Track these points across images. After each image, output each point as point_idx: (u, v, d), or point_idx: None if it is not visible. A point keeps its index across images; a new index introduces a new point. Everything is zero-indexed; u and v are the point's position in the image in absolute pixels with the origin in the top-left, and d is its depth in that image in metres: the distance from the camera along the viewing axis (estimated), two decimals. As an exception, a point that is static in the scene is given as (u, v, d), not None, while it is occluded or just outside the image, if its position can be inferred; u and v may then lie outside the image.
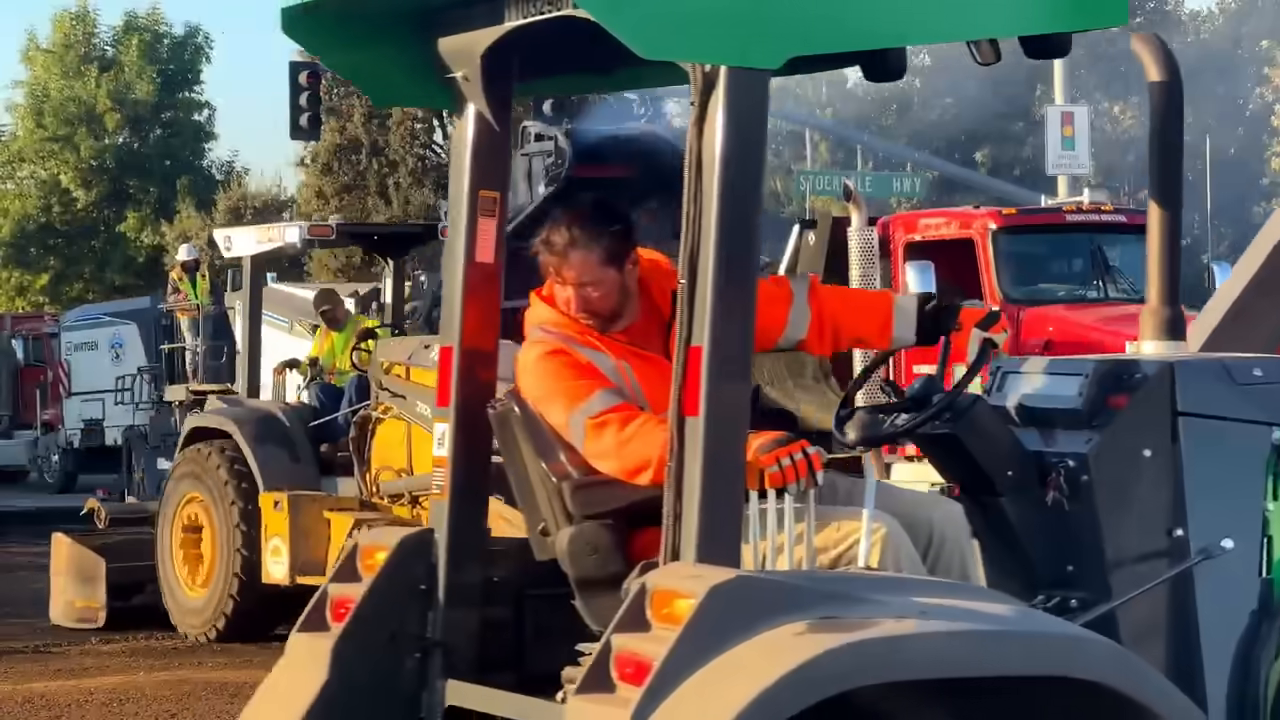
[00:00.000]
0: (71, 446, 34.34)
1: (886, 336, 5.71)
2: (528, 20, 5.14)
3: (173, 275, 27.61)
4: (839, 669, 4.36)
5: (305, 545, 14.12)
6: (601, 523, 5.19)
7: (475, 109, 5.44)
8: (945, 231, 15.52)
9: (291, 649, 5.59)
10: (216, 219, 47.40)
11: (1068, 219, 15.92)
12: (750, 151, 4.68)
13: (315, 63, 37.05)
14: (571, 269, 5.29)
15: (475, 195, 5.49)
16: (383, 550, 5.49)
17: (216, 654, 14.09)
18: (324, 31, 5.42)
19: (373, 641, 5.42)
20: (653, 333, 5.33)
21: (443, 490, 5.54)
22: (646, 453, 5.00)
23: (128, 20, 54.27)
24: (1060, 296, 15.31)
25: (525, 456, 5.35)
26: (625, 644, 4.55)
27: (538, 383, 5.31)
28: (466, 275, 5.53)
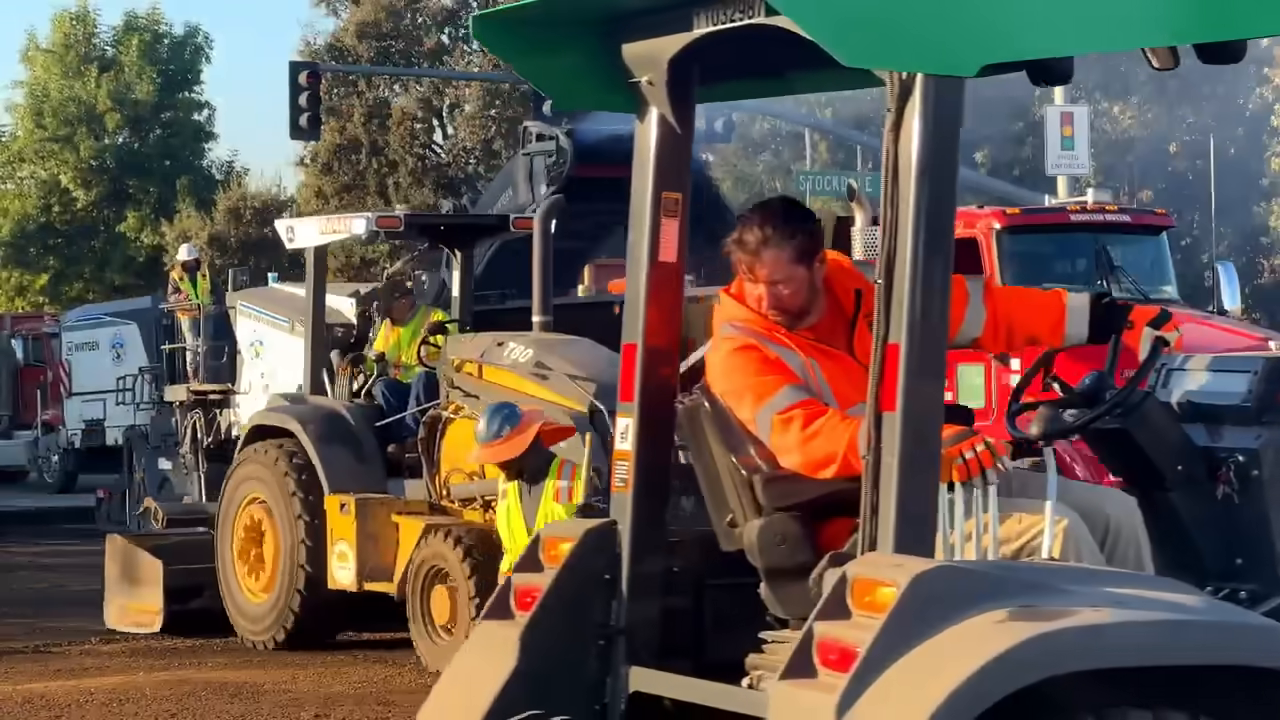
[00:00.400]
0: (72, 446, 34.37)
1: (1059, 334, 5.84)
2: (717, 28, 5.30)
3: (173, 275, 27.62)
4: (1042, 656, 4.51)
5: (373, 550, 13.66)
6: (790, 514, 5.36)
7: (658, 113, 5.61)
8: None
9: (478, 637, 5.81)
10: (216, 219, 47.40)
11: (1072, 219, 15.86)
12: (945, 156, 4.84)
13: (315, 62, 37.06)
14: (764, 267, 5.49)
15: (658, 197, 5.66)
16: (567, 541, 5.69)
17: (216, 654, 14.09)
18: (513, 37, 5.65)
19: (559, 629, 5.62)
20: (837, 330, 5.53)
21: (626, 484, 5.70)
22: (830, 449, 5.20)
23: (128, 20, 54.29)
24: None
25: (714, 450, 5.52)
26: (828, 631, 4.73)
27: (727, 378, 5.47)
28: (649, 275, 5.69)
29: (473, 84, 43.35)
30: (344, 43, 43.83)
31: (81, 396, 33.84)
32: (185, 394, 25.46)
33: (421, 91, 44.77)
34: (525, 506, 8.89)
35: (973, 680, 4.45)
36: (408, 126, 44.02)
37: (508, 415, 8.94)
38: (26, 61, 54.29)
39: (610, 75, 5.62)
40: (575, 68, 5.68)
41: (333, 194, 44.70)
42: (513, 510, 8.91)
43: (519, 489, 8.94)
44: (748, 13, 5.16)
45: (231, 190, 49.82)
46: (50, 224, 53.62)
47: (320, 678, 12.77)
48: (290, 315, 23.83)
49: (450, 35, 45.44)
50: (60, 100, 53.09)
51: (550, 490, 8.88)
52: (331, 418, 14.76)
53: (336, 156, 44.46)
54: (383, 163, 44.15)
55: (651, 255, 5.68)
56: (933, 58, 4.79)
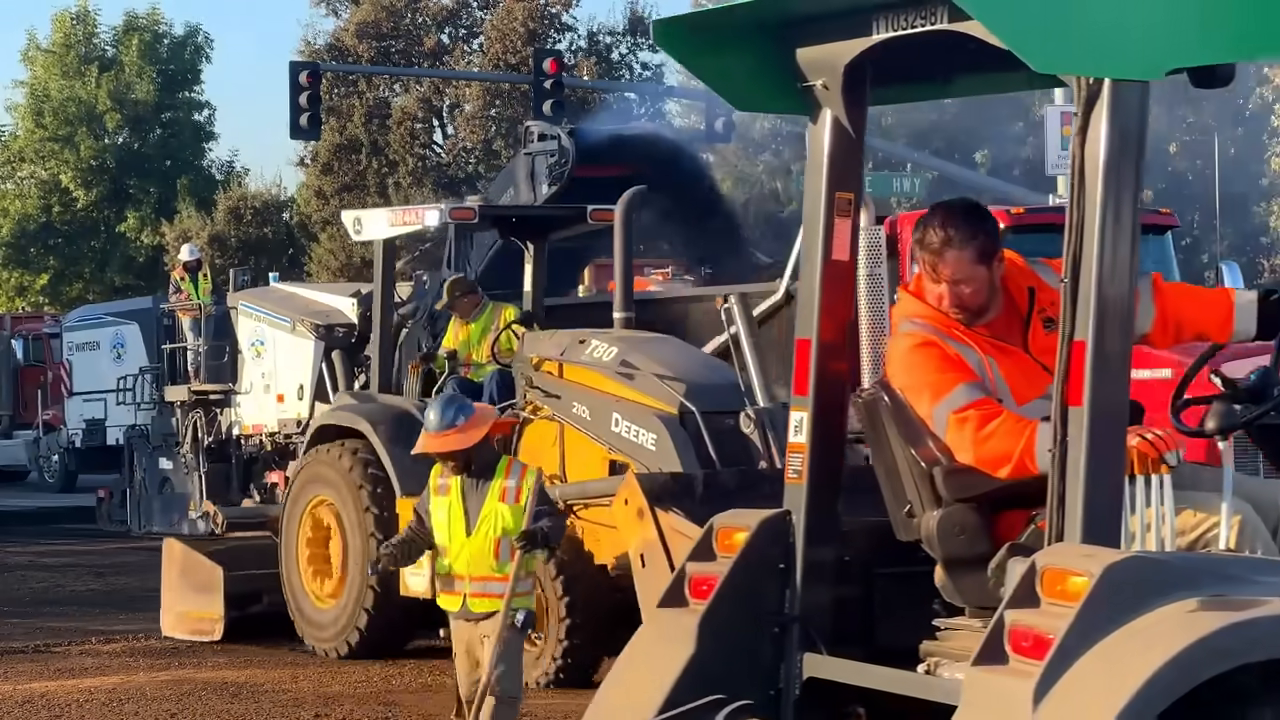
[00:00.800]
0: (73, 446, 34.36)
1: (1227, 330, 5.95)
2: (898, 34, 5.46)
3: (174, 275, 27.62)
4: (1237, 643, 4.69)
5: None
6: (968, 506, 5.55)
7: (831, 115, 5.79)
8: None
9: (654, 624, 6.01)
10: (216, 219, 47.39)
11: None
12: (1130, 159, 5.01)
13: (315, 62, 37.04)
14: (946, 266, 5.67)
15: (832, 196, 5.88)
16: (741, 531, 5.88)
17: (217, 654, 14.07)
18: (692, 41, 5.87)
19: (735, 616, 5.80)
20: (1013, 327, 5.69)
21: (800, 475, 5.86)
22: (1004, 449, 5.38)
23: (128, 20, 54.29)
24: None
25: (893, 442, 5.72)
26: (1019, 619, 4.90)
27: (906, 373, 5.66)
28: (823, 272, 5.88)
29: (473, 84, 43.35)
30: (344, 43, 43.83)
31: (82, 396, 33.84)
32: (186, 394, 25.46)
33: (421, 91, 44.77)
34: (469, 504, 8.64)
35: (1169, 667, 4.61)
36: (408, 126, 44.02)
37: (461, 406, 8.71)
38: (27, 61, 54.31)
39: (782, 79, 5.81)
40: (749, 71, 5.86)
41: (333, 194, 44.69)
42: (454, 507, 8.66)
43: (462, 486, 8.67)
44: (930, 19, 5.34)
45: (231, 190, 49.84)
46: (50, 224, 53.62)
47: (320, 677, 12.76)
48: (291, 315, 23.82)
49: (450, 35, 45.43)
50: (60, 100, 53.10)
51: (497, 489, 8.62)
52: (402, 418, 14.11)
53: (337, 156, 44.46)
54: (383, 162, 44.16)
55: (825, 253, 5.88)
56: (1119, 63, 4.98)
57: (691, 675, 5.69)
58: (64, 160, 53.02)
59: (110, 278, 53.07)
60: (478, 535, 8.68)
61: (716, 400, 12.29)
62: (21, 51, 54.34)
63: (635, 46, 45.34)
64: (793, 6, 5.73)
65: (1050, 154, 30.85)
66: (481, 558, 8.67)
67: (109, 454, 30.93)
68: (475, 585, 8.71)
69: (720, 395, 12.37)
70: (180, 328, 26.58)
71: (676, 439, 11.94)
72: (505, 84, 42.19)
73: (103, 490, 28.15)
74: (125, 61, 53.45)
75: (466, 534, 8.68)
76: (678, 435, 11.96)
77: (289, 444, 24.54)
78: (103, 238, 53.71)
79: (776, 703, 5.76)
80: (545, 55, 32.78)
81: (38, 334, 38.51)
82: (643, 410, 12.26)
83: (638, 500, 10.42)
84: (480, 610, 8.70)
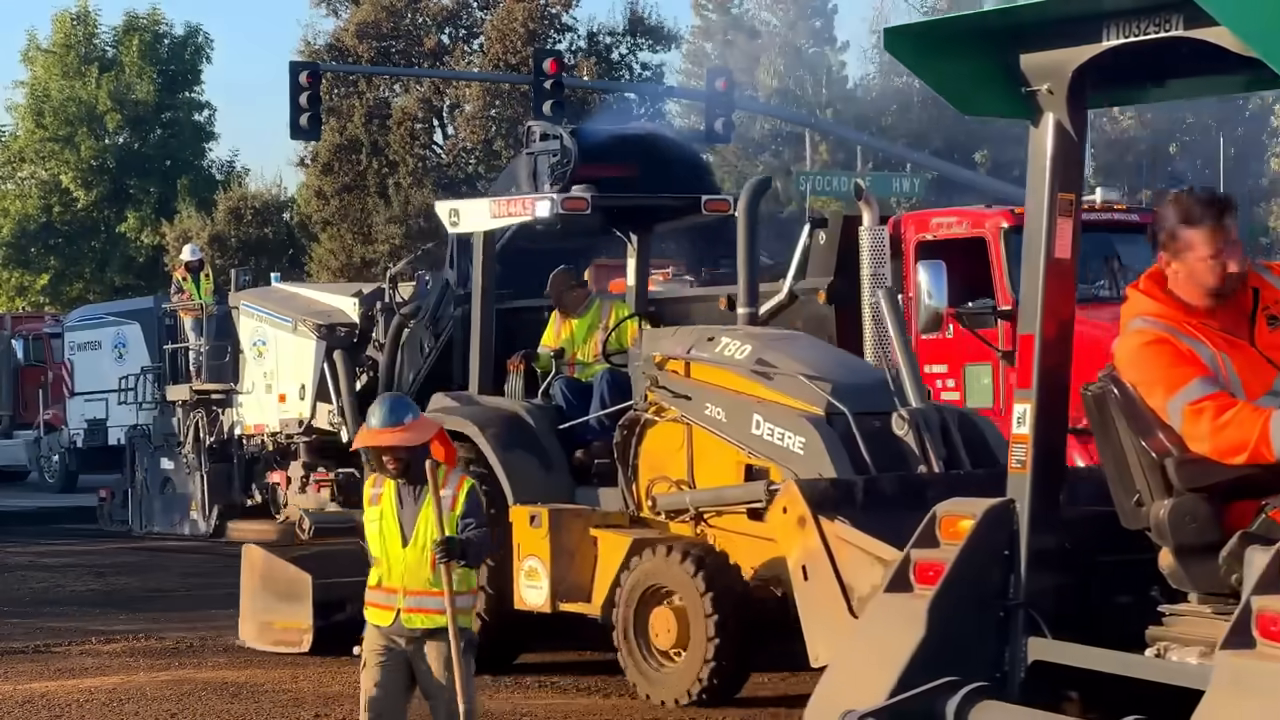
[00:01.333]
0: (75, 446, 34.37)
1: None
2: (1130, 40, 5.68)
3: (176, 275, 27.63)
4: None
5: (569, 567, 12.37)
6: (1200, 496, 5.76)
7: (1054, 119, 6.04)
8: (957, 230, 15.40)
9: (880, 609, 6.26)
10: (216, 219, 47.40)
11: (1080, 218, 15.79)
12: None
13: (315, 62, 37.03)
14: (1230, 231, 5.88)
15: (1054, 197, 6.12)
16: (966, 519, 6.13)
17: (217, 654, 14.07)
18: (919, 47, 6.19)
19: (962, 601, 6.06)
20: (1240, 325, 5.92)
21: (1024, 465, 6.11)
22: (1241, 438, 5.59)
23: (128, 20, 54.30)
24: None
25: (1122, 434, 5.92)
26: (1267, 605, 5.14)
27: (1139, 368, 5.87)
28: (1046, 270, 6.12)
29: (473, 84, 43.35)
30: (344, 43, 43.83)
31: (84, 396, 33.86)
32: (188, 394, 25.47)
33: (421, 91, 44.76)
34: (404, 514, 8.22)
35: None
36: (408, 126, 44.01)
37: (409, 404, 8.49)
38: (27, 61, 54.33)
39: (1005, 84, 6.05)
40: (973, 76, 6.12)
41: (333, 194, 44.69)
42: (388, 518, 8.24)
43: (398, 494, 8.25)
44: (1164, 25, 5.54)
45: (232, 190, 49.83)
46: (51, 224, 53.63)
47: (320, 677, 12.76)
48: (293, 315, 23.82)
49: (450, 35, 45.44)
50: (61, 100, 53.11)
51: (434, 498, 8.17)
52: (512, 421, 13.36)
53: (337, 156, 44.44)
54: (383, 163, 44.15)
55: (1048, 252, 6.11)
56: None
57: (921, 658, 5.95)
58: (64, 160, 53.03)
59: (110, 278, 53.07)
60: (414, 546, 8.25)
61: (867, 400, 11.52)
62: (22, 52, 54.43)
63: (635, 47, 45.32)
64: (1023, 15, 5.91)
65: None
66: (418, 570, 8.22)
67: (110, 454, 30.96)
68: (411, 600, 8.24)
69: (870, 395, 11.60)
70: (182, 327, 26.61)
71: (828, 442, 11.18)
72: (505, 84, 42.18)
73: (104, 490, 28.17)
74: (125, 62, 53.45)
75: (402, 545, 8.26)
76: (829, 438, 11.21)
77: (290, 444, 24.57)
78: (103, 238, 53.71)
79: (1002, 686, 6.00)
80: (545, 55, 32.78)
81: (38, 334, 38.52)
82: (786, 411, 11.52)
83: (798, 508, 9.99)
84: (415, 626, 8.24)
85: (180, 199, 51.65)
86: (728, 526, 11.75)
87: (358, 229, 44.42)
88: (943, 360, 15.17)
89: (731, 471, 11.86)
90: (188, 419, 25.52)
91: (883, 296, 12.20)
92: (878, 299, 12.28)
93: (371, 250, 43.83)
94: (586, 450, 13.16)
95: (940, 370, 15.14)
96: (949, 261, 14.35)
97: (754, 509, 11.33)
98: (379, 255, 43.16)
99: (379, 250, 43.38)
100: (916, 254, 15.20)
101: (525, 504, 12.69)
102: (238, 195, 48.77)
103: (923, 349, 14.79)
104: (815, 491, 10.10)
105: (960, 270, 14.49)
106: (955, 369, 15.11)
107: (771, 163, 51.71)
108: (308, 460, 24.33)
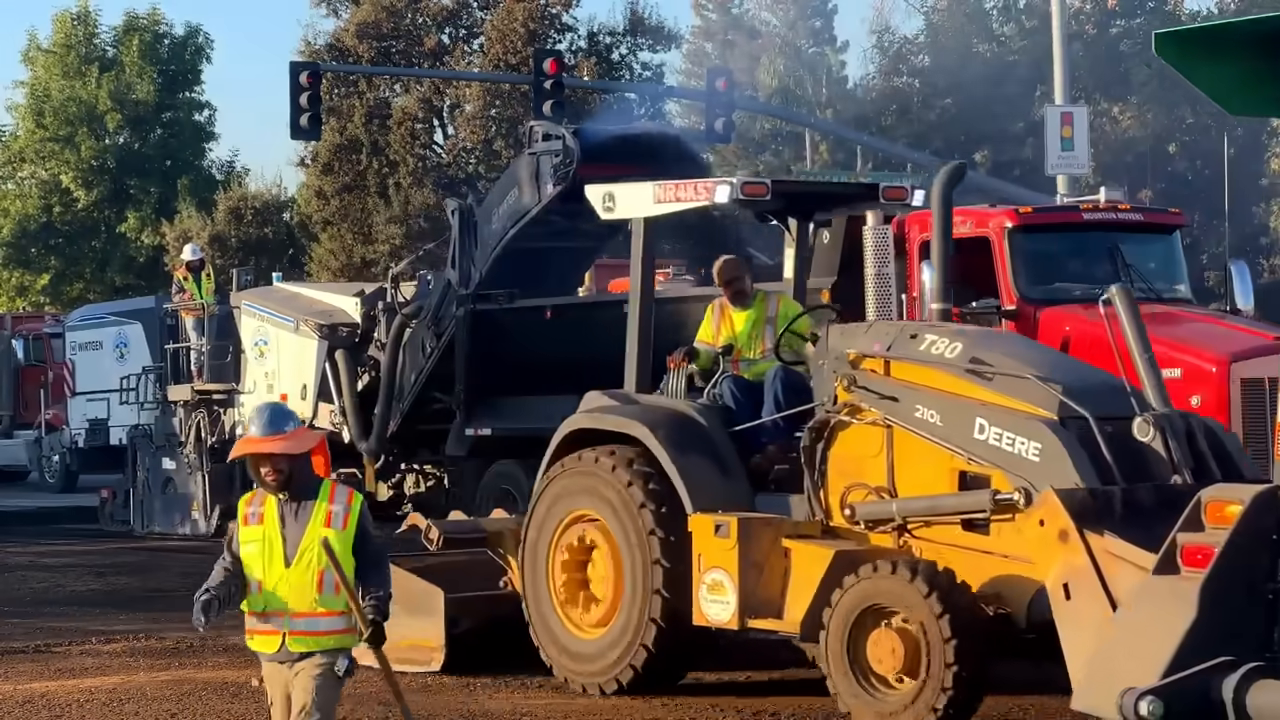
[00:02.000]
0: (76, 446, 34.36)
1: None
2: None
3: (178, 275, 27.62)
4: None
5: (758, 581, 11.38)
6: None
7: None
8: (961, 230, 14.88)
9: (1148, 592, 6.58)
10: (217, 219, 47.39)
11: (1085, 217, 15.58)
12: None
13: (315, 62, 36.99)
14: None
15: None
16: (1234, 504, 6.38)
17: (217, 654, 14.07)
18: (1190, 51, 6.36)
19: (1232, 584, 6.29)
20: None
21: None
22: None
23: (128, 20, 54.27)
24: (1077, 296, 14.90)
25: None
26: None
27: None
28: None
29: (473, 84, 43.33)
30: (344, 43, 43.80)
31: (86, 396, 33.84)
32: (189, 393, 25.47)
33: (422, 91, 44.74)
34: (287, 532, 7.69)
35: None
36: (408, 127, 43.98)
37: (289, 413, 7.89)
38: (27, 61, 54.30)
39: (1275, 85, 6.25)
40: (1244, 77, 6.29)
41: (333, 194, 44.68)
42: (271, 536, 7.71)
43: (279, 511, 7.72)
44: None
45: (232, 190, 49.80)
46: (51, 224, 53.61)
47: (321, 677, 12.74)
48: (295, 315, 23.82)
49: (450, 35, 45.42)
50: (61, 100, 53.09)
51: (321, 514, 7.68)
52: (683, 422, 12.33)
53: (337, 156, 44.41)
54: (383, 163, 44.13)
55: None
56: None
57: (1193, 639, 6.18)
58: (64, 160, 53.01)
59: (111, 278, 53.05)
60: (299, 566, 7.70)
61: (1105, 403, 10.55)
62: (22, 52, 54.39)
63: (635, 47, 45.29)
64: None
65: (1050, 154, 30.82)
66: (304, 591, 7.69)
67: (112, 454, 30.96)
68: (297, 623, 7.72)
69: (1109, 398, 10.60)
70: (183, 327, 26.60)
71: (1069, 447, 10.28)
72: (505, 84, 42.15)
73: (105, 490, 28.17)
74: (126, 62, 53.43)
75: (285, 565, 7.71)
76: (1069, 443, 10.30)
77: (292, 444, 24.56)
78: (103, 238, 53.69)
79: (1274, 666, 6.20)
80: (545, 55, 32.77)
81: (38, 334, 38.53)
82: (1014, 415, 10.63)
83: (1059, 521, 9.40)
84: (300, 650, 7.76)
85: (180, 199, 51.62)
86: (938, 538, 10.89)
87: (358, 229, 44.40)
88: None
89: (942, 478, 11.00)
90: (189, 419, 25.53)
91: (1117, 295, 11.01)
92: (1113, 297, 11.01)
93: (372, 250, 43.80)
94: (764, 454, 12.24)
95: None
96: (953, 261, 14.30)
97: (973, 520, 10.65)
98: (379, 255, 43.12)
99: (379, 250, 43.35)
100: (920, 254, 15.12)
101: (705, 512, 11.73)
102: (238, 195, 48.75)
103: None
104: (1077, 503, 9.50)
105: (965, 270, 14.36)
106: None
107: (771, 162, 51.67)
108: (310, 460, 24.32)
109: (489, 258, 19.91)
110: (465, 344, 19.72)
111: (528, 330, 19.31)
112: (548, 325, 19.00)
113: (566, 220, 19.25)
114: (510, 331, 19.42)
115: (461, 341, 19.75)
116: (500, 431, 19.32)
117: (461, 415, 19.77)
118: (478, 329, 19.58)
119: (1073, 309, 14.74)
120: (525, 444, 17.75)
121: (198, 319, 26.02)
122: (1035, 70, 42.29)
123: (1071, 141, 30.56)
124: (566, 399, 13.63)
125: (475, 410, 19.64)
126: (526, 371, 18.79)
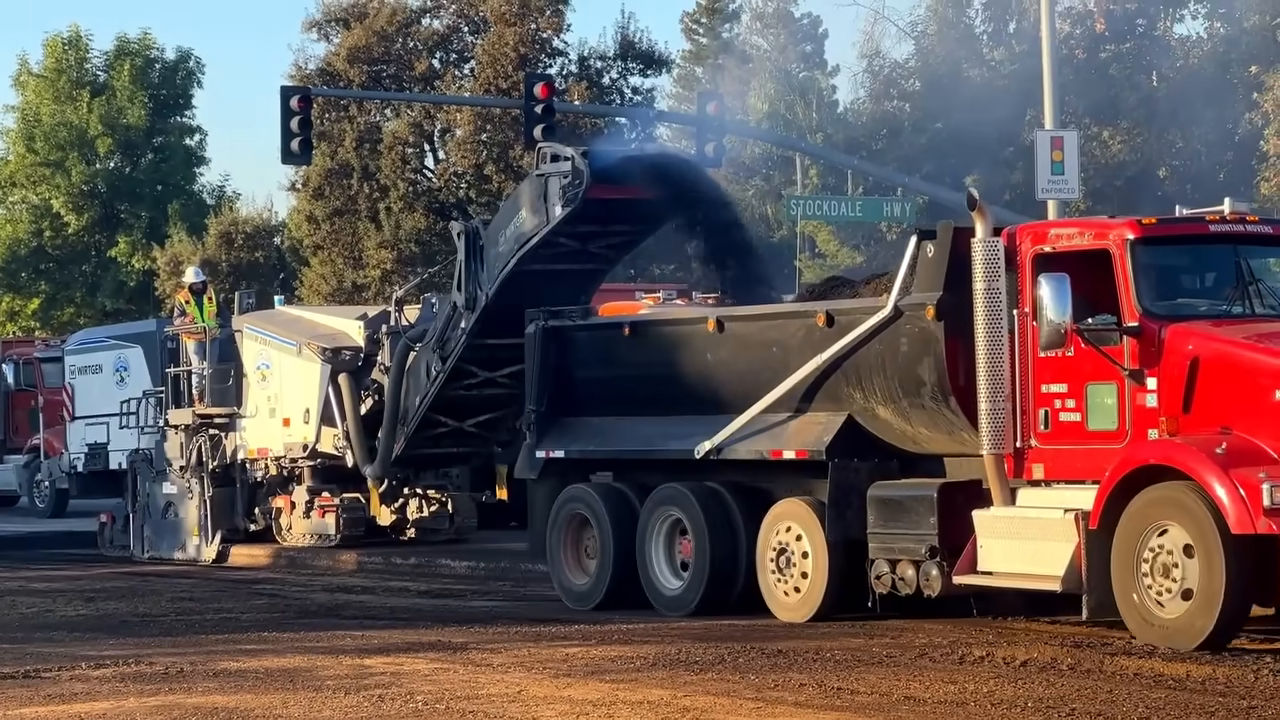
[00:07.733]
0: (75, 470, 34.26)
1: None
2: None
3: (179, 298, 27.55)
4: None
5: None
6: None
7: None
8: (1078, 242, 14.67)
9: None
10: (207, 244, 47.43)
11: (1211, 229, 14.94)
12: None
13: (306, 87, 37.06)
14: None
15: None
16: None
17: (207, 679, 14.03)
18: None
19: None
20: None
21: None
22: None
23: (119, 45, 54.34)
24: (1203, 311, 14.51)
25: None
26: None
27: None
28: None
29: (464, 109, 43.40)
30: (335, 68, 43.89)
31: (85, 420, 33.73)
32: (190, 417, 25.39)
33: (413, 116, 44.81)
34: None
35: None
36: (399, 151, 44.06)
37: None
38: (18, 86, 54.37)
39: None
40: None
41: (324, 218, 44.73)
42: None
43: None
44: None
45: (223, 215, 49.85)
46: (41, 248, 53.65)
47: (311, 703, 12.73)
48: (297, 338, 23.77)
49: (441, 60, 45.50)
50: (52, 125, 53.13)
51: None
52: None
53: (328, 181, 44.48)
54: (374, 187, 44.19)
55: None
56: None
57: None
58: (55, 185, 53.05)
59: (101, 302, 53.07)
60: None
61: None
62: (13, 76, 54.52)
63: (626, 71, 45.41)
64: None
65: (1040, 178, 30.91)
66: None
67: (111, 478, 30.88)
68: None
69: None
70: (184, 351, 26.49)
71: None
72: (496, 109, 42.21)
73: (105, 514, 28.05)
74: (117, 86, 53.49)
75: None
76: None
77: (295, 468, 24.51)
78: (94, 262, 53.73)
79: None
80: (536, 80, 32.82)
81: (29, 358, 38.47)
82: None
83: None
84: None
85: (171, 223, 51.65)
86: None
87: (349, 253, 44.44)
88: (1062, 379, 14.48)
89: None
90: (190, 443, 25.45)
91: None
92: None
93: (362, 275, 43.84)
94: None
95: (1059, 390, 14.47)
96: (1070, 275, 14.00)
97: None
98: (370, 280, 43.16)
99: (370, 275, 43.39)
100: (1034, 268, 14.54)
101: None
102: (229, 220, 48.81)
103: (1040, 367, 14.43)
104: None
105: (1083, 285, 14.07)
106: (1076, 388, 14.39)
107: (762, 186, 51.78)
108: (312, 484, 24.30)
109: (496, 280, 19.68)
110: (536, 362, 18.46)
111: (605, 348, 18.34)
112: (625, 342, 18.19)
113: (575, 242, 19.12)
114: (585, 349, 18.45)
115: (532, 360, 18.53)
116: (575, 454, 18.16)
117: (532, 437, 18.53)
118: (548, 346, 18.42)
119: (1199, 325, 14.26)
120: (597, 466, 17.55)
121: (199, 342, 25.93)
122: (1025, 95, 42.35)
123: (1062, 165, 30.65)
124: (647, 420, 13.43)
125: (547, 432, 18.43)
126: (603, 391, 17.98)
